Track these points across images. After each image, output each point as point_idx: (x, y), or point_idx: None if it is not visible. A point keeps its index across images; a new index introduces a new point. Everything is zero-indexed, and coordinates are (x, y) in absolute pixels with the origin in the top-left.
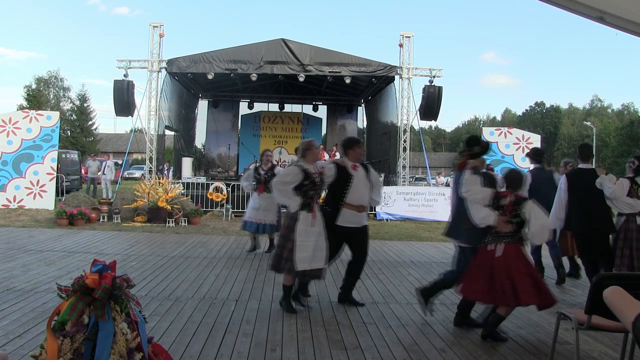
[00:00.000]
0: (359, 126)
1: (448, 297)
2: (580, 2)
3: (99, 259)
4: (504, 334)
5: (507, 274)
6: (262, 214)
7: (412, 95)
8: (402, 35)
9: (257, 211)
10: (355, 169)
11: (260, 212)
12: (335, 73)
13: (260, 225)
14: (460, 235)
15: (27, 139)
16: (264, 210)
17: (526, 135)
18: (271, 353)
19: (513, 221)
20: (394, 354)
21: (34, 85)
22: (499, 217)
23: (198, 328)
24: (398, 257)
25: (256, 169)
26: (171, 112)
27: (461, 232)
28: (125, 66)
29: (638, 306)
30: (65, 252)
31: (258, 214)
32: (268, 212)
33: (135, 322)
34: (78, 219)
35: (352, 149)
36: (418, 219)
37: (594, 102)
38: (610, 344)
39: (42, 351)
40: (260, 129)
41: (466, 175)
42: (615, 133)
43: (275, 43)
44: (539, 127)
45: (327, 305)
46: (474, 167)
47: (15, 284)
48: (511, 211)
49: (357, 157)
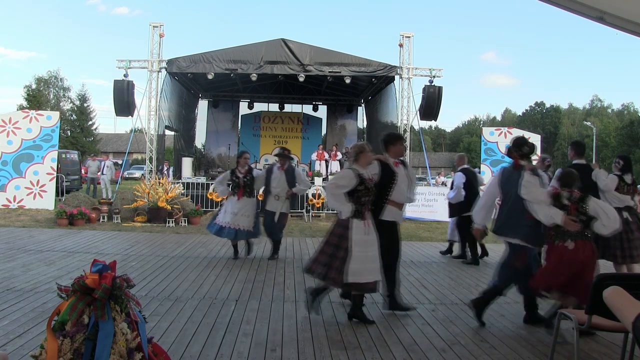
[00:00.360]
0: (359, 126)
1: (447, 297)
2: (580, 2)
3: (99, 259)
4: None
5: (582, 270)
6: (240, 219)
7: (412, 95)
8: (402, 35)
9: (236, 216)
10: (397, 166)
11: (239, 217)
12: (335, 73)
13: (238, 231)
14: (517, 233)
15: (27, 139)
16: (243, 216)
17: (526, 135)
18: (271, 353)
19: (580, 219)
20: (394, 354)
21: (34, 85)
22: (566, 216)
23: (198, 328)
24: None
25: (233, 172)
26: (171, 112)
27: (518, 230)
28: (125, 66)
29: (638, 306)
30: (65, 252)
31: (236, 220)
32: (247, 217)
33: (135, 322)
34: (78, 219)
35: (394, 145)
36: (418, 219)
37: (594, 102)
38: (610, 344)
39: (42, 351)
40: (260, 129)
41: (526, 176)
42: (615, 133)
43: (275, 43)
44: (539, 127)
45: (327, 305)
46: (532, 169)
47: (15, 284)
48: (576, 209)
49: (399, 154)
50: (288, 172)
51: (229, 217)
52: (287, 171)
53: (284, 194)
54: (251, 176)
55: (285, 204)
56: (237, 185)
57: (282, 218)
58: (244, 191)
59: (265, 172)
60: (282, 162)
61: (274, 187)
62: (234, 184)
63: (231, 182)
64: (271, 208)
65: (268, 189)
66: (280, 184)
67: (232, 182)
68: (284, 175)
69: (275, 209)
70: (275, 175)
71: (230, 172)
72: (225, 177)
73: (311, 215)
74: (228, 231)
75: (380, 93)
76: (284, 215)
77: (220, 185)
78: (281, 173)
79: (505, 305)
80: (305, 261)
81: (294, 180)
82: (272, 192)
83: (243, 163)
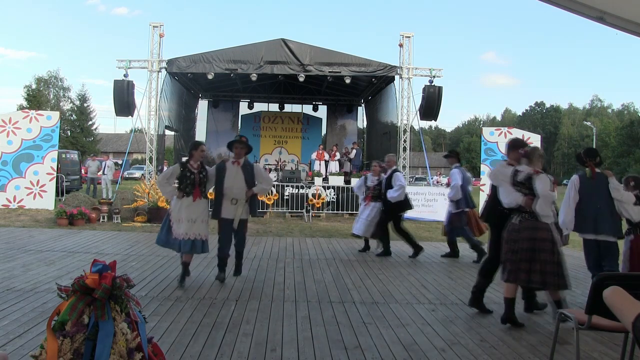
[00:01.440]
0: (359, 126)
1: (447, 297)
2: (580, 2)
3: (99, 259)
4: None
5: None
6: (198, 227)
7: (412, 95)
8: (402, 35)
9: (194, 224)
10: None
11: (198, 225)
12: (335, 73)
13: (195, 242)
14: (612, 230)
15: (27, 139)
16: (203, 222)
17: (526, 135)
18: (271, 353)
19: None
20: (394, 354)
21: (34, 85)
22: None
23: (198, 328)
24: (398, 257)
25: (184, 166)
26: (171, 112)
27: (610, 228)
28: (125, 66)
29: (638, 306)
30: (65, 252)
31: (194, 228)
32: (204, 224)
33: (135, 322)
34: (78, 219)
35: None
36: (418, 219)
37: (594, 102)
38: (610, 344)
39: (42, 351)
40: (260, 129)
41: (615, 182)
42: (615, 133)
43: (275, 43)
44: (539, 127)
45: (327, 305)
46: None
47: (15, 284)
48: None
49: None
50: (246, 168)
51: (184, 227)
52: (244, 168)
53: (243, 196)
54: (206, 172)
55: (244, 208)
56: (191, 183)
57: (242, 226)
58: (200, 190)
59: (216, 170)
60: (238, 154)
61: (229, 187)
62: (188, 182)
63: (183, 180)
64: (227, 215)
65: (220, 191)
66: (237, 184)
67: (185, 179)
68: (241, 173)
69: (233, 215)
70: (229, 173)
71: (180, 167)
72: (173, 172)
73: (311, 215)
74: (184, 243)
75: (380, 93)
76: (244, 222)
77: (168, 184)
78: (237, 170)
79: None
80: (305, 262)
81: (253, 179)
82: (226, 194)
83: (198, 157)
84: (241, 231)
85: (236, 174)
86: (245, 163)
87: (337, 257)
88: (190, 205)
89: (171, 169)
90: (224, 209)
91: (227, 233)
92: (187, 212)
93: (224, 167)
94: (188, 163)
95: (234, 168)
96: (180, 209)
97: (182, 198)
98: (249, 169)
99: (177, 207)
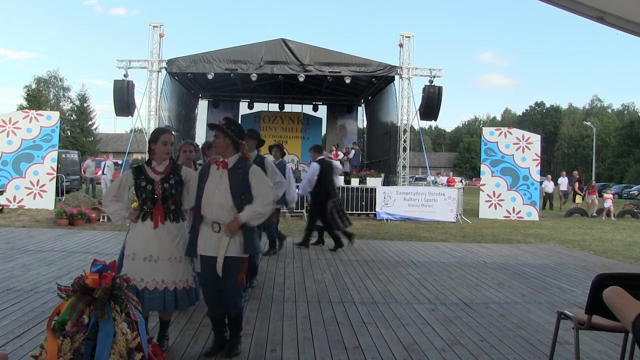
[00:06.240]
0: (359, 126)
1: (447, 297)
2: (580, 2)
3: (99, 259)
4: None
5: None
6: (166, 269)
7: (412, 95)
8: (402, 35)
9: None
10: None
11: (163, 265)
12: (335, 73)
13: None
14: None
15: (27, 139)
16: (173, 262)
17: (526, 135)
18: (271, 353)
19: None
20: (394, 354)
21: (34, 85)
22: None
23: (198, 328)
24: (398, 257)
25: (139, 173)
26: (171, 112)
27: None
28: (125, 66)
29: (638, 306)
30: (65, 252)
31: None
32: (175, 263)
33: (135, 322)
34: (78, 219)
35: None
36: (418, 219)
37: (594, 102)
38: (610, 344)
39: (42, 351)
40: (261, 129)
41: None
42: (615, 133)
43: (275, 43)
44: (539, 127)
45: (327, 305)
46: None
47: (15, 284)
48: None
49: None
50: (236, 173)
51: (142, 269)
52: (234, 172)
53: (227, 218)
54: (180, 179)
55: (235, 239)
56: (150, 199)
57: (232, 270)
58: (164, 210)
59: (199, 175)
60: (217, 145)
61: (207, 203)
62: (144, 196)
63: (137, 193)
64: (206, 250)
65: (198, 209)
66: (217, 198)
67: (140, 191)
68: (225, 180)
69: (215, 251)
70: (211, 181)
71: (133, 174)
72: (123, 183)
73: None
74: (149, 299)
75: (380, 93)
76: (236, 263)
77: (115, 203)
78: (221, 175)
79: (505, 305)
80: (305, 262)
81: (245, 190)
82: (204, 214)
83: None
84: (230, 279)
85: (219, 181)
86: (240, 164)
87: (337, 257)
88: (148, 235)
89: (119, 178)
90: (202, 239)
91: (209, 280)
92: (144, 245)
93: (206, 171)
94: (147, 166)
95: (217, 173)
96: (136, 238)
97: (136, 222)
98: (242, 173)
99: (134, 234)
